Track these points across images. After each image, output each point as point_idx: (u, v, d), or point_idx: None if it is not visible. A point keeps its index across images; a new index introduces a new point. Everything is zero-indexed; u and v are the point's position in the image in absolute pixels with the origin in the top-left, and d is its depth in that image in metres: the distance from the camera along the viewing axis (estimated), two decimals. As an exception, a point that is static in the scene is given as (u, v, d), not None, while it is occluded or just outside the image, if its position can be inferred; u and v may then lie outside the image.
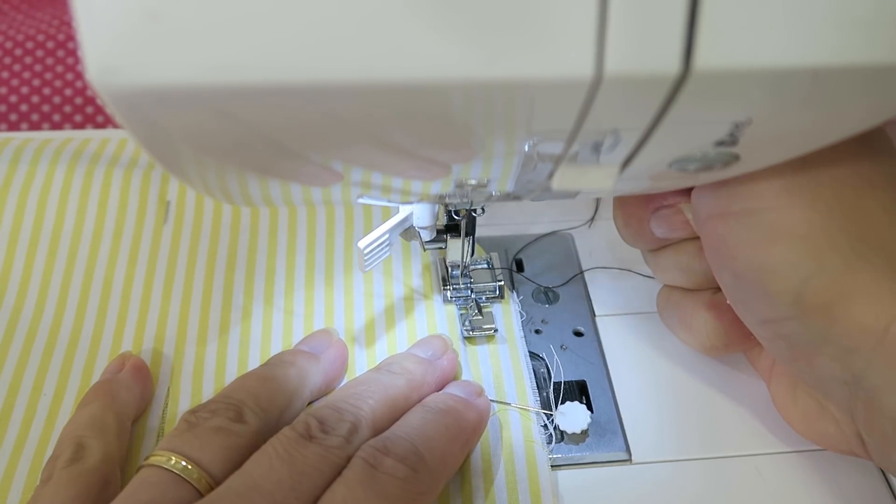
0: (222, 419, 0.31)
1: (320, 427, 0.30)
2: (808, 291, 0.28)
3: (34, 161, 0.46)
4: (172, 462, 0.29)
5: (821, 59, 0.19)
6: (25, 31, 0.62)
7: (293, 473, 0.29)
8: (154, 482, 0.29)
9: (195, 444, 0.30)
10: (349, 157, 0.24)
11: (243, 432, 0.31)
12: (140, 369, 0.37)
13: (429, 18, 0.18)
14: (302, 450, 0.29)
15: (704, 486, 0.35)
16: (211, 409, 0.32)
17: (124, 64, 0.18)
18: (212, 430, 0.30)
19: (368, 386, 0.33)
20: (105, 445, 0.32)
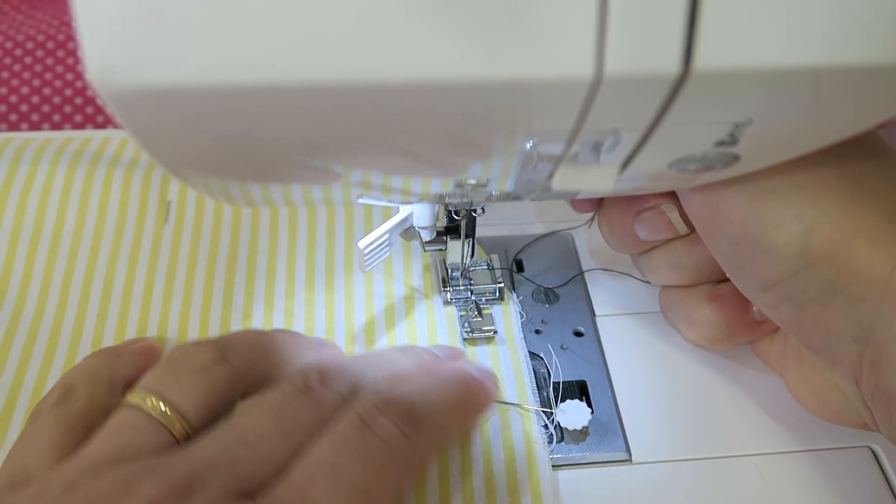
0: (204, 358, 0.30)
1: (320, 380, 0.30)
2: (813, 240, 0.27)
3: (35, 161, 0.46)
4: (149, 404, 0.29)
5: (821, 59, 0.19)
6: (25, 31, 0.62)
7: (282, 429, 0.28)
8: (130, 424, 0.28)
9: (174, 385, 0.29)
10: (349, 157, 0.25)
11: (225, 373, 0.30)
12: (151, 350, 0.36)
13: (428, 18, 0.18)
14: (294, 404, 0.29)
15: (704, 486, 0.35)
16: (196, 344, 0.31)
17: (124, 64, 0.18)
18: (192, 370, 0.30)
19: (377, 358, 0.33)
20: (93, 393, 0.31)
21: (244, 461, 0.27)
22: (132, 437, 0.28)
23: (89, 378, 0.32)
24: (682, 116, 0.21)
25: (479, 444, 0.35)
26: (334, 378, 0.30)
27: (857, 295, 0.27)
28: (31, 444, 0.29)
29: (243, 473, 0.27)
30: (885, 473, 0.35)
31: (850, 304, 0.28)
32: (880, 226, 0.27)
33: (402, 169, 0.26)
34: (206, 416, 0.29)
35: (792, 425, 0.37)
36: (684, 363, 0.39)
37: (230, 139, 0.22)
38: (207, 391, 0.30)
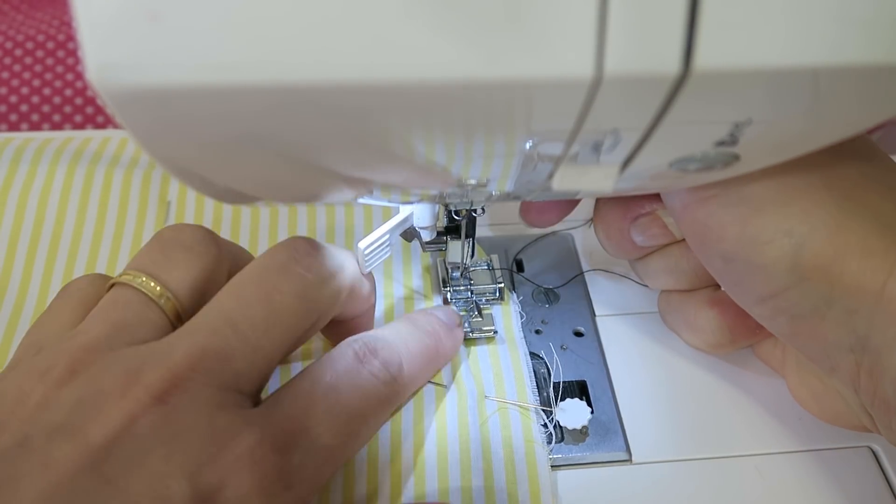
0: (193, 237, 0.31)
1: (307, 252, 0.30)
2: (805, 254, 0.28)
3: (35, 161, 0.46)
4: (141, 282, 0.29)
5: (821, 58, 0.19)
6: (25, 32, 0.62)
7: (268, 314, 0.28)
8: (124, 301, 0.29)
9: (164, 264, 0.30)
10: (348, 157, 0.24)
11: (213, 253, 0.31)
12: None
13: (427, 18, 0.18)
14: (280, 283, 0.29)
15: (704, 486, 0.35)
16: (185, 224, 0.32)
17: (124, 64, 0.18)
18: (182, 248, 0.30)
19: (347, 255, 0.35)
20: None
21: (237, 351, 0.27)
22: (126, 314, 0.28)
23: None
24: (682, 116, 0.21)
25: (478, 442, 0.35)
26: (320, 260, 0.31)
27: (852, 307, 0.28)
28: (53, 317, 0.30)
29: (238, 365, 0.27)
30: (885, 473, 0.35)
31: (845, 315, 0.28)
32: (871, 237, 0.27)
33: (402, 169, 0.26)
34: (195, 296, 0.30)
35: (792, 425, 0.37)
36: (684, 363, 0.39)
37: (230, 139, 0.22)
38: (197, 270, 0.30)
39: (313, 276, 0.30)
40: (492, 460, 0.34)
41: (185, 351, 0.27)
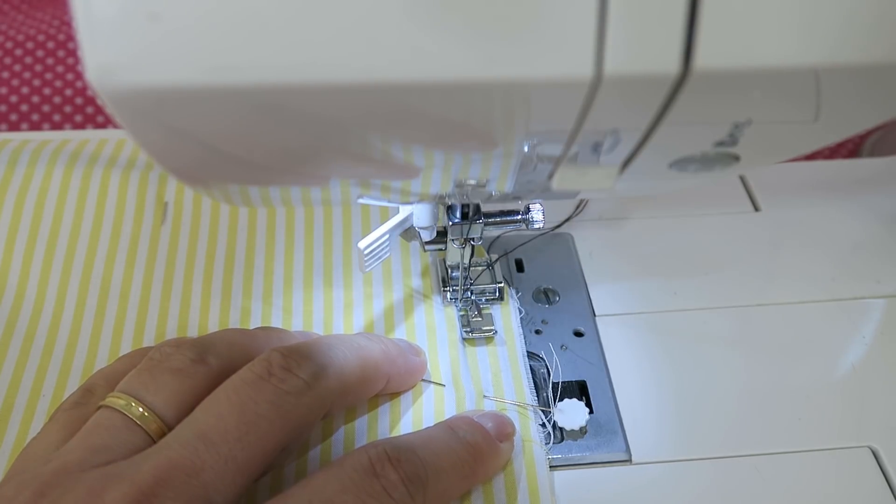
0: (183, 359, 0.30)
1: (283, 364, 0.29)
2: None
3: (32, 162, 0.46)
4: (125, 404, 0.29)
5: (820, 58, 0.19)
6: (26, 31, 0.62)
7: (241, 423, 0.28)
8: (106, 425, 0.28)
9: (151, 386, 0.29)
10: (347, 157, 0.24)
11: (203, 374, 0.30)
12: None
13: (428, 19, 0.18)
14: (255, 395, 0.28)
15: (704, 486, 0.35)
16: (176, 343, 0.31)
17: (124, 64, 0.18)
18: (170, 371, 0.30)
19: (341, 339, 0.33)
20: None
21: (206, 463, 0.27)
22: (106, 438, 0.28)
23: (113, 380, 0.32)
24: (682, 117, 0.21)
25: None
26: (298, 362, 0.30)
27: None
28: (38, 443, 0.30)
29: (207, 477, 0.27)
30: (885, 473, 0.35)
31: None
32: None
33: (402, 169, 0.26)
34: (183, 417, 0.29)
35: (792, 425, 0.37)
36: (684, 363, 0.39)
37: (229, 139, 0.22)
38: (185, 392, 0.30)
39: (288, 387, 0.29)
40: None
41: (153, 466, 0.26)
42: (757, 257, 0.44)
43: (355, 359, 0.32)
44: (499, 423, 0.34)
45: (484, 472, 0.32)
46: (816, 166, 0.52)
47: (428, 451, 0.30)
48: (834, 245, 0.45)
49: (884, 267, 0.44)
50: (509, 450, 0.34)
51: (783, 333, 0.41)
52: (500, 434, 0.33)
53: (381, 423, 0.35)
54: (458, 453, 0.31)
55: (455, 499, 0.32)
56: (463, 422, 0.33)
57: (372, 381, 0.34)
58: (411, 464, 0.29)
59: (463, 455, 0.31)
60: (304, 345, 0.31)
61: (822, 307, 0.42)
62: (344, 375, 0.31)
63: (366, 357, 0.33)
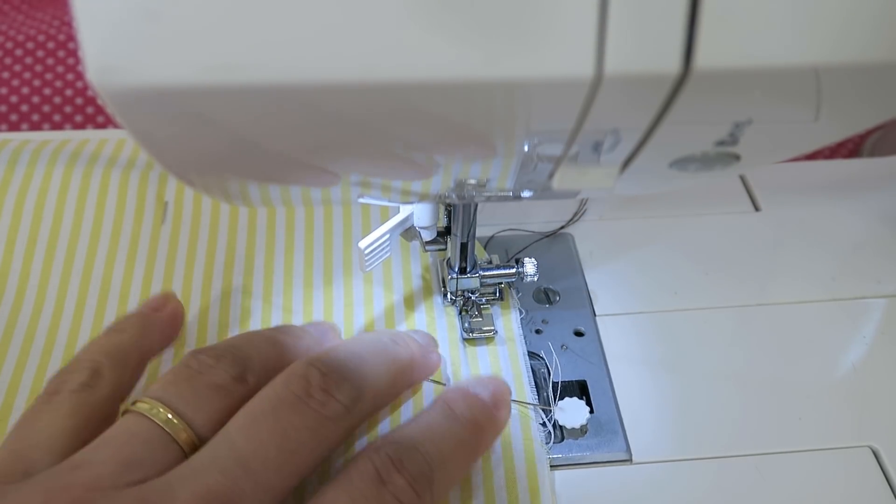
0: (225, 375, 0.29)
1: (321, 384, 0.28)
2: None
3: (32, 162, 0.46)
4: (160, 414, 0.27)
5: (821, 57, 0.19)
6: (26, 32, 0.62)
7: (281, 451, 0.27)
8: (142, 438, 0.27)
9: (190, 399, 0.28)
10: (348, 157, 0.24)
11: (241, 394, 0.29)
12: (178, 316, 0.36)
13: (428, 18, 0.18)
14: (295, 420, 0.27)
15: (704, 486, 0.35)
16: (216, 354, 0.30)
17: (124, 64, 0.18)
18: (212, 386, 0.29)
19: (371, 348, 0.32)
20: (119, 380, 0.30)
21: (245, 492, 0.26)
22: (140, 452, 0.27)
23: (119, 359, 0.31)
24: (683, 116, 0.21)
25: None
26: (338, 384, 0.29)
27: None
28: (43, 427, 0.28)
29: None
30: (886, 473, 0.35)
31: None
32: None
33: (401, 169, 0.26)
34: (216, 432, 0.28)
35: (792, 425, 0.37)
36: (684, 363, 0.39)
37: (229, 139, 0.22)
38: (224, 410, 0.29)
39: (328, 412, 0.28)
40: (491, 458, 0.34)
41: (191, 494, 0.25)
42: (757, 257, 0.44)
43: (387, 372, 0.32)
44: (494, 388, 0.33)
45: (485, 446, 0.32)
46: (816, 166, 0.52)
47: (430, 444, 0.30)
48: (834, 245, 0.45)
49: (884, 267, 0.44)
50: (507, 416, 0.34)
51: (783, 333, 0.41)
52: (497, 401, 0.33)
53: (381, 422, 0.35)
54: (458, 435, 0.31)
55: (460, 478, 0.32)
56: (459, 396, 0.32)
57: (399, 390, 0.34)
58: (416, 463, 0.29)
59: (464, 436, 0.31)
60: (341, 360, 0.30)
61: (822, 307, 0.42)
62: (378, 393, 0.31)
63: (396, 369, 0.32)
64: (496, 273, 0.40)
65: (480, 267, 0.40)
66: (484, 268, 0.40)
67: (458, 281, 0.39)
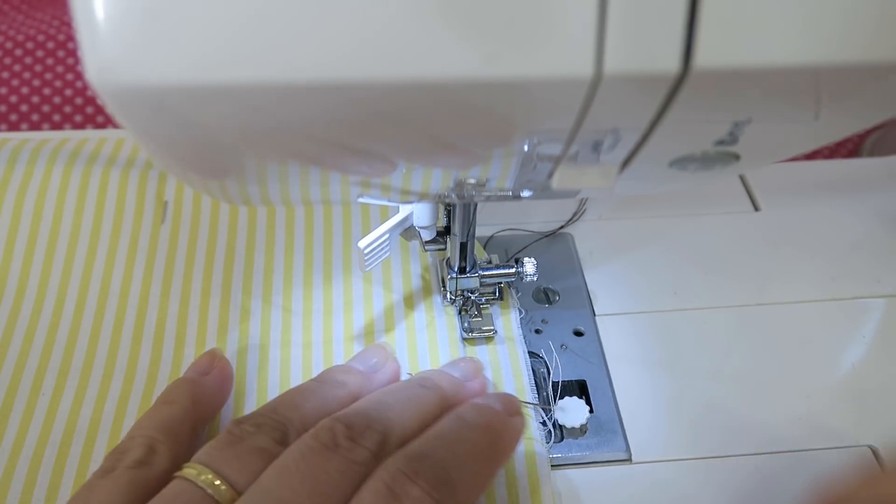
0: (267, 439, 0.30)
1: (347, 434, 0.29)
2: None
3: (31, 161, 0.46)
4: (207, 480, 0.28)
5: (821, 57, 0.19)
6: (25, 32, 0.62)
7: (314, 495, 0.27)
8: (183, 498, 0.28)
9: (234, 463, 0.29)
10: (346, 156, 0.24)
11: (282, 451, 0.29)
12: (227, 377, 0.36)
13: (428, 18, 0.18)
14: (324, 464, 0.28)
15: (704, 486, 0.35)
16: (257, 422, 0.30)
17: (123, 63, 0.18)
18: (255, 450, 0.29)
19: (398, 395, 0.32)
20: (174, 455, 0.31)
21: None
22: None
23: (172, 433, 0.31)
24: (682, 115, 0.21)
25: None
26: (362, 432, 0.29)
27: None
28: (98, 502, 0.28)
29: None
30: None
31: None
32: None
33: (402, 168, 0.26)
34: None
35: (792, 425, 0.37)
36: (684, 363, 0.39)
37: (229, 139, 0.22)
38: (266, 466, 0.29)
39: (356, 456, 0.29)
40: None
41: None
42: (756, 257, 0.44)
43: (415, 415, 0.31)
44: (504, 400, 0.33)
45: (504, 450, 0.32)
46: (816, 166, 0.52)
47: (443, 449, 0.29)
48: (834, 245, 0.45)
49: (884, 267, 0.44)
50: (521, 423, 0.33)
51: (783, 333, 0.41)
52: (509, 410, 0.33)
53: None
54: (473, 440, 0.30)
55: (485, 486, 0.31)
56: (469, 406, 0.32)
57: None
58: (430, 470, 0.28)
59: (479, 440, 0.31)
60: (365, 410, 0.31)
61: (821, 307, 0.42)
62: (406, 437, 0.30)
63: (424, 412, 0.32)
64: (496, 273, 0.40)
65: (480, 267, 0.40)
66: (483, 267, 0.40)
67: (458, 281, 0.39)
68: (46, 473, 0.34)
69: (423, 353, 0.39)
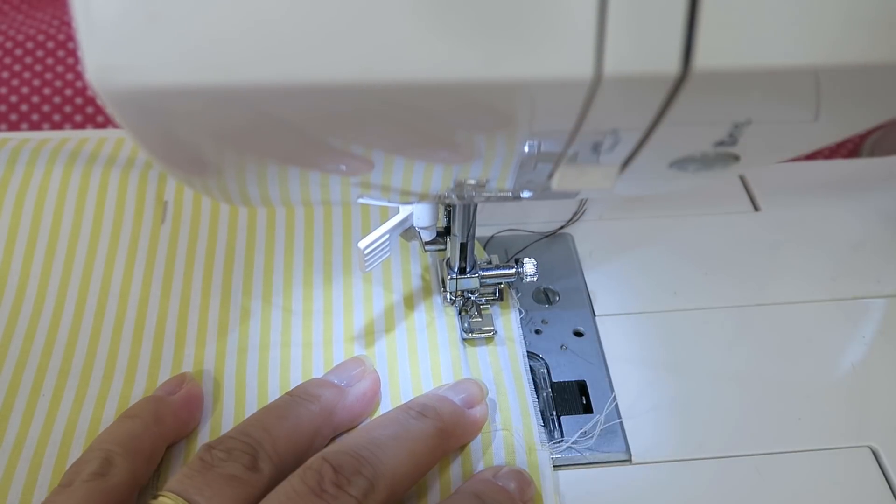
0: (237, 465, 0.30)
1: (334, 478, 0.29)
2: None
3: (31, 162, 0.46)
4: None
5: (820, 58, 0.19)
6: (26, 32, 0.62)
7: None
8: None
9: (206, 491, 0.29)
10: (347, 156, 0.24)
11: (256, 482, 0.30)
12: (194, 398, 0.35)
13: (428, 19, 0.18)
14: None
15: (704, 486, 0.35)
16: (227, 447, 0.30)
17: (123, 64, 0.18)
18: (225, 477, 0.29)
19: (395, 431, 0.32)
20: (133, 468, 0.31)
21: None
22: None
23: (131, 447, 0.31)
24: (682, 116, 0.21)
25: (479, 444, 0.35)
26: (350, 477, 0.29)
27: None
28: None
29: None
30: (885, 473, 0.35)
31: None
32: None
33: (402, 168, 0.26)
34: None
35: (792, 425, 0.37)
36: (684, 363, 0.39)
37: (229, 139, 0.22)
38: (239, 499, 0.29)
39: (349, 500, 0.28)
40: (493, 462, 0.34)
41: None
42: (757, 257, 0.44)
43: (408, 455, 0.31)
44: (519, 480, 0.33)
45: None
46: (816, 166, 0.52)
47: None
48: (834, 245, 0.45)
49: (884, 267, 0.44)
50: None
51: (783, 333, 0.41)
52: (523, 497, 0.33)
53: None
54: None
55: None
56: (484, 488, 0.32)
57: (429, 466, 0.33)
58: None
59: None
60: (355, 451, 0.30)
61: (821, 307, 0.42)
62: (395, 480, 0.30)
63: (419, 451, 0.32)
64: (496, 273, 0.40)
65: (480, 267, 0.40)
66: (483, 268, 0.40)
67: (458, 281, 0.39)
68: (47, 474, 0.34)
69: (423, 353, 0.39)
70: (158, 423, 0.33)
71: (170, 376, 0.38)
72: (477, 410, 0.35)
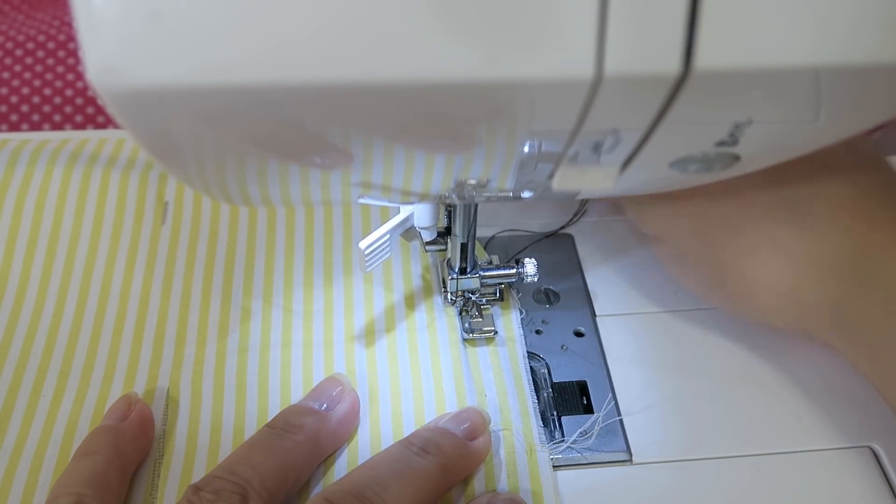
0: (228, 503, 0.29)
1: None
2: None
3: (31, 162, 0.46)
4: None
5: (821, 58, 0.19)
6: (26, 32, 0.62)
7: None
8: None
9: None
10: (348, 157, 0.25)
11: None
12: (145, 419, 0.35)
13: (429, 19, 0.18)
14: None
15: (705, 487, 0.35)
16: (215, 487, 0.30)
17: (124, 64, 0.18)
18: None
19: (398, 469, 0.31)
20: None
21: None
22: None
23: (99, 487, 0.31)
24: (683, 116, 0.21)
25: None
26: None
27: None
28: None
29: None
30: (886, 473, 0.35)
31: None
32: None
33: (401, 169, 0.26)
34: None
35: (792, 425, 0.37)
36: (684, 363, 0.39)
37: (229, 139, 0.22)
38: None
39: None
40: (493, 462, 0.34)
41: None
42: (757, 257, 0.44)
43: (411, 494, 0.31)
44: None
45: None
46: (817, 166, 0.52)
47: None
48: (834, 245, 0.45)
49: (884, 267, 0.44)
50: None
51: (783, 333, 0.41)
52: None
53: (384, 429, 0.35)
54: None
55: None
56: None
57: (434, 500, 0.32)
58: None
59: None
60: (359, 490, 0.30)
61: (822, 307, 0.42)
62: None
63: (423, 489, 0.31)
64: (496, 273, 0.40)
65: (481, 267, 0.40)
66: (484, 268, 0.40)
67: (459, 281, 0.39)
68: (47, 474, 0.34)
69: (423, 353, 0.39)
70: (120, 455, 0.33)
71: (170, 376, 0.38)
72: (479, 442, 0.34)
